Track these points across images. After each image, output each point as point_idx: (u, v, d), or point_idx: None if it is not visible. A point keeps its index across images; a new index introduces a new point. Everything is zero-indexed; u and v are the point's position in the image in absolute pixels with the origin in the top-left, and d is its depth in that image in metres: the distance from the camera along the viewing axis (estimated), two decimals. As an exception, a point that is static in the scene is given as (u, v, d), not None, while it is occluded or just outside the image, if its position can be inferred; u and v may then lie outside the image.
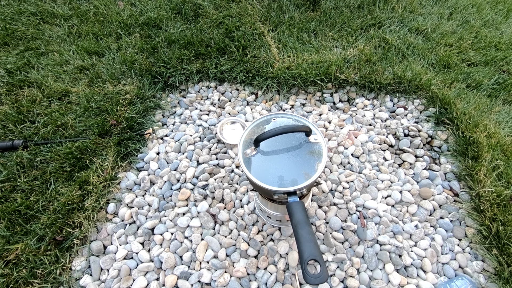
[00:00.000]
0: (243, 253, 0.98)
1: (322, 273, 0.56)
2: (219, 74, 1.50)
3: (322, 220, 1.04)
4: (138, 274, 0.95)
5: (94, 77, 1.49)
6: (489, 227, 0.99)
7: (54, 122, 1.29)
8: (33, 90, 1.44)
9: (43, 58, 1.61)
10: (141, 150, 1.26)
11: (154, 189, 1.14)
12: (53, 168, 1.14)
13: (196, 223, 1.04)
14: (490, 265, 0.95)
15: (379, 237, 1.00)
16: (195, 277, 0.93)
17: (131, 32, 1.75)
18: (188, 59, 1.55)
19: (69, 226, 1.01)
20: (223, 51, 1.60)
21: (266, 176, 0.73)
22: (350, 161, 1.20)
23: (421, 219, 1.05)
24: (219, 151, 1.24)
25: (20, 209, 1.03)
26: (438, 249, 0.98)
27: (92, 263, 0.97)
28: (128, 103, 1.37)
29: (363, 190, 1.12)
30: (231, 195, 1.10)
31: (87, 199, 1.08)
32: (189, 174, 1.15)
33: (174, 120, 1.39)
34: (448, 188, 1.14)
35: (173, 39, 1.64)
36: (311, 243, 0.61)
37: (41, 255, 0.95)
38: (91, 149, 1.20)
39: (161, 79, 1.49)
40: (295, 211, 0.67)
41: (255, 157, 0.76)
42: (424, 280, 0.93)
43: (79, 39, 1.73)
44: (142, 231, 1.03)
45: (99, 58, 1.61)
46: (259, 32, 1.69)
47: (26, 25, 1.81)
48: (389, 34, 1.71)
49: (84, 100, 1.37)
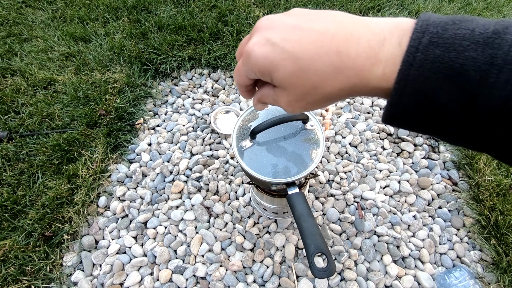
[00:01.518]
0: (239, 246, 0.96)
1: (329, 266, 0.54)
2: (212, 61, 1.44)
3: (319, 211, 1.02)
4: (131, 269, 0.93)
5: (81, 64, 1.42)
6: (488, 216, 0.98)
7: (40, 112, 1.24)
8: (16, 78, 1.37)
9: (27, 45, 1.53)
10: (132, 141, 1.21)
11: (146, 181, 1.10)
12: (40, 161, 1.09)
13: (190, 216, 1.01)
14: (488, 255, 0.95)
15: (377, 228, 0.98)
16: (190, 271, 0.91)
17: (119, 16, 1.67)
18: (179, 45, 1.48)
19: (58, 221, 0.98)
20: (216, 36, 1.53)
21: (263, 168, 0.69)
22: (348, 150, 1.17)
23: (419, 209, 1.04)
24: (213, 141, 1.20)
25: (7, 204, 1.00)
26: (436, 239, 0.97)
27: (83, 259, 0.94)
28: (117, 92, 1.31)
29: (361, 180, 1.10)
30: (226, 187, 1.07)
31: (76, 193, 1.04)
32: (182, 166, 1.11)
33: (166, 109, 1.34)
34: (447, 177, 1.12)
35: (164, 23, 1.56)
36: (316, 235, 0.58)
37: (30, 251, 0.92)
38: (80, 141, 1.15)
39: (152, 66, 1.43)
40: (296, 203, 0.65)
41: (251, 148, 0.72)
42: (422, 271, 0.92)
43: (64, 24, 1.64)
44: (135, 225, 1.00)
45: (85, 44, 1.53)
46: (253, 16, 1.62)
47: (7, 9, 1.72)
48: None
49: (71, 89, 1.31)
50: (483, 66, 0.19)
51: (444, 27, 0.21)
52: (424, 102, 0.22)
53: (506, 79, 0.19)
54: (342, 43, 0.23)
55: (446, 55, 0.20)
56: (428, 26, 0.21)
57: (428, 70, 0.21)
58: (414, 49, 0.21)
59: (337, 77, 0.24)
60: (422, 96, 0.22)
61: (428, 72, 0.21)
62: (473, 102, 0.20)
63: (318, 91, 0.25)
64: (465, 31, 0.20)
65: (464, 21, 0.21)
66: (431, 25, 0.21)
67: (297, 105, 0.28)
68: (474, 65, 0.20)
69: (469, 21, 0.21)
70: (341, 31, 0.24)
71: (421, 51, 0.21)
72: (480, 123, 0.21)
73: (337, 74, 0.24)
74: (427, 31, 0.21)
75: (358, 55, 0.23)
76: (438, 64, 0.20)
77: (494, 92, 0.19)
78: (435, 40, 0.21)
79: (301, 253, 0.94)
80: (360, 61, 0.23)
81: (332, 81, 0.24)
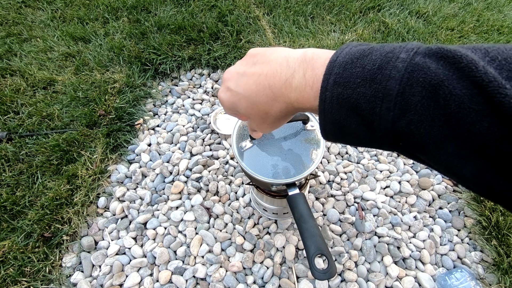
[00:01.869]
0: (239, 247, 0.95)
1: (330, 268, 0.54)
2: (212, 61, 1.44)
3: (319, 212, 1.02)
4: (131, 270, 0.92)
5: (81, 64, 1.42)
6: (488, 217, 0.98)
7: (39, 112, 1.23)
8: (16, 79, 1.37)
9: (26, 45, 1.52)
10: (132, 142, 1.21)
11: (146, 182, 1.10)
12: (39, 161, 1.09)
13: (190, 217, 1.01)
14: (489, 255, 0.94)
15: (378, 229, 0.98)
16: (189, 272, 0.91)
17: (118, 16, 1.66)
18: (179, 45, 1.48)
19: (57, 222, 0.98)
20: (216, 36, 1.53)
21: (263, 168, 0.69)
22: (348, 151, 1.16)
23: (420, 210, 1.03)
24: (213, 141, 1.20)
25: (6, 205, 0.99)
26: (437, 240, 0.97)
27: (83, 260, 0.94)
28: (117, 92, 1.30)
29: (362, 181, 1.10)
30: (226, 187, 1.07)
31: (76, 194, 1.04)
32: (182, 166, 1.11)
33: (165, 109, 1.33)
34: (448, 178, 1.11)
35: (163, 23, 1.56)
36: (317, 237, 0.58)
37: (29, 252, 0.91)
38: (79, 141, 1.15)
39: (151, 67, 1.42)
40: (296, 204, 0.64)
41: (251, 148, 0.71)
42: (422, 271, 0.92)
43: (64, 24, 1.64)
44: (134, 225, 1.00)
45: (85, 44, 1.53)
46: (253, 16, 1.62)
47: (7, 9, 1.71)
48: (389, 18, 1.65)
49: (70, 89, 1.30)
50: (371, 98, 0.24)
51: (344, 67, 0.26)
52: (341, 127, 0.27)
53: (387, 107, 0.23)
54: (272, 79, 0.31)
55: (345, 92, 0.25)
56: (333, 67, 0.26)
57: (336, 104, 0.26)
58: (324, 89, 0.26)
59: (274, 104, 0.32)
60: (338, 124, 0.27)
61: (336, 106, 0.26)
62: (372, 125, 0.25)
63: (268, 115, 0.34)
64: (358, 69, 0.25)
65: (362, 57, 0.25)
66: (336, 66, 0.26)
67: (263, 126, 0.37)
68: (364, 98, 0.24)
69: (365, 57, 0.25)
70: (271, 70, 0.31)
71: (329, 90, 0.26)
72: (385, 140, 0.25)
73: (274, 102, 0.32)
74: (332, 72, 0.26)
75: (281, 87, 0.30)
76: (341, 99, 0.26)
77: (382, 118, 0.24)
78: (338, 80, 0.26)
79: (301, 254, 0.94)
80: (283, 90, 0.30)
81: (273, 107, 0.32)
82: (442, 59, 0.21)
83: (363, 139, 0.27)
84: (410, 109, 0.22)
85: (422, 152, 0.24)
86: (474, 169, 0.21)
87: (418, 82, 0.22)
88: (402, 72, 0.22)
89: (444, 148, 0.22)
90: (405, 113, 0.23)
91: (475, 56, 0.20)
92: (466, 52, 0.21)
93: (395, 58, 0.23)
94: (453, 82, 0.20)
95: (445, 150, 0.22)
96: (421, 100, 0.22)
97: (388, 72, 0.23)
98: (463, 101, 0.20)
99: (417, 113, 0.22)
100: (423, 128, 0.22)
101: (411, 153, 0.25)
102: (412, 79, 0.22)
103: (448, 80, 0.21)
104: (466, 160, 0.21)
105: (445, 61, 0.21)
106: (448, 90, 0.20)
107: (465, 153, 0.21)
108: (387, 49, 0.24)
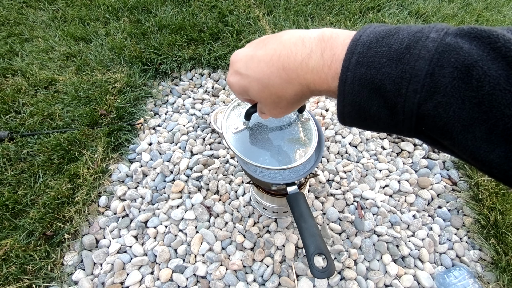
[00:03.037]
0: (239, 245, 0.96)
1: (329, 267, 0.55)
2: (213, 61, 1.44)
3: (319, 211, 1.02)
4: (132, 268, 0.93)
5: (82, 64, 1.43)
6: (487, 216, 0.98)
7: (40, 112, 1.24)
8: (17, 78, 1.38)
9: (27, 45, 1.53)
10: (133, 141, 1.22)
11: (146, 181, 1.11)
12: (41, 160, 1.10)
13: (191, 216, 1.01)
14: (487, 254, 0.95)
15: (377, 227, 0.98)
16: (190, 270, 0.91)
17: (119, 16, 1.67)
18: (180, 45, 1.49)
19: (59, 221, 0.98)
20: (217, 36, 1.54)
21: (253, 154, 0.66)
22: (347, 150, 1.17)
23: (419, 209, 1.04)
24: (213, 141, 1.20)
25: (8, 204, 1.00)
26: (435, 239, 0.97)
27: (84, 258, 0.95)
28: (117, 92, 1.31)
29: (361, 180, 1.10)
30: (226, 186, 1.08)
31: (77, 193, 1.04)
32: (183, 166, 1.12)
33: (166, 109, 1.34)
34: (447, 177, 1.12)
35: (164, 23, 1.57)
36: (316, 236, 0.59)
37: (31, 250, 0.92)
38: (80, 141, 1.16)
39: (152, 67, 1.43)
40: (296, 203, 0.65)
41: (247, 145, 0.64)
42: (421, 270, 0.93)
43: (65, 24, 1.65)
44: (135, 224, 1.01)
45: (86, 45, 1.53)
46: (253, 16, 1.62)
47: (8, 9, 1.72)
48: (389, 18, 1.65)
49: (71, 89, 1.31)
50: (397, 79, 0.23)
51: (369, 46, 0.24)
52: (360, 110, 0.26)
53: (414, 89, 0.22)
54: (286, 60, 0.29)
55: (368, 72, 0.24)
56: (356, 46, 0.25)
57: (358, 85, 0.25)
58: (345, 69, 0.25)
59: (288, 86, 0.30)
60: (358, 106, 0.26)
61: (357, 87, 0.25)
62: (395, 108, 0.24)
63: (282, 98, 0.32)
64: (384, 48, 0.24)
65: (388, 36, 0.24)
66: (359, 44, 0.25)
67: (275, 111, 0.35)
68: (389, 79, 0.23)
69: (392, 36, 0.24)
70: (284, 50, 0.30)
71: (351, 70, 0.25)
72: (407, 124, 0.24)
73: (288, 84, 0.30)
74: (355, 51, 0.25)
75: (296, 68, 0.29)
76: (363, 80, 0.24)
77: (407, 101, 0.23)
78: (361, 60, 0.24)
79: (301, 252, 0.95)
80: (298, 72, 0.29)
81: (287, 90, 0.31)
82: (475, 39, 0.20)
83: (383, 123, 0.26)
84: (438, 91, 0.21)
85: (447, 137, 0.23)
86: (503, 154, 0.20)
87: (450, 62, 0.21)
88: (433, 52, 0.21)
89: (472, 132, 0.21)
90: (433, 95, 0.22)
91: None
92: (502, 32, 0.20)
93: (425, 37, 0.22)
94: (488, 62, 0.19)
95: (473, 134, 0.21)
96: (452, 81, 0.21)
97: (417, 52, 0.22)
98: (499, 83, 0.19)
99: (446, 95, 0.21)
100: (452, 111, 0.21)
101: (433, 138, 0.24)
102: (443, 60, 0.21)
103: (482, 61, 0.20)
104: (494, 145, 0.20)
105: (479, 41, 0.20)
106: (483, 71, 0.19)
107: (494, 138, 0.20)
108: (415, 29, 0.23)
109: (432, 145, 0.26)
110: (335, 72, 0.26)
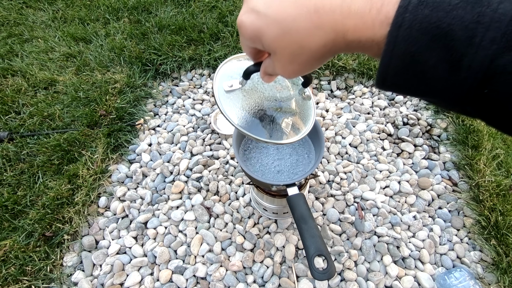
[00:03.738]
0: (239, 246, 0.96)
1: (329, 268, 0.55)
2: (213, 61, 1.44)
3: (319, 212, 1.02)
4: (131, 269, 0.93)
5: (82, 65, 1.43)
6: (488, 217, 0.98)
7: (40, 112, 1.24)
8: (17, 79, 1.37)
9: (27, 45, 1.53)
10: (132, 142, 1.21)
11: (146, 181, 1.10)
12: (40, 161, 1.10)
13: (191, 217, 1.01)
14: (488, 255, 0.94)
15: (377, 228, 0.98)
16: (190, 271, 0.91)
17: (119, 17, 1.67)
18: (180, 46, 1.48)
19: (58, 221, 0.98)
20: (217, 36, 1.54)
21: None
22: (348, 151, 1.17)
23: (419, 210, 1.04)
24: (213, 141, 1.20)
25: (7, 204, 1.00)
26: (436, 240, 0.97)
27: (84, 259, 0.94)
28: (117, 92, 1.31)
29: (361, 180, 1.10)
30: (226, 187, 1.08)
31: (77, 193, 1.04)
32: (183, 166, 1.11)
33: (166, 109, 1.34)
34: (447, 178, 1.12)
35: (164, 24, 1.57)
36: (316, 237, 0.59)
37: (30, 251, 0.92)
38: (80, 141, 1.15)
39: (152, 67, 1.43)
40: (296, 204, 0.65)
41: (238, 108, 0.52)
42: (422, 271, 0.92)
43: (65, 24, 1.65)
44: (135, 225, 1.00)
45: (86, 45, 1.53)
46: (254, 16, 1.62)
47: (8, 10, 1.72)
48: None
49: (71, 90, 1.31)
50: (470, 25, 0.19)
51: None
52: (413, 63, 0.22)
53: (492, 38, 0.18)
54: (321, 0, 0.24)
55: (434, 14, 0.20)
56: None
57: (416, 31, 0.20)
58: (403, 10, 0.21)
59: (317, 33, 0.25)
60: (411, 58, 0.21)
61: (416, 33, 0.20)
62: (460, 62, 0.20)
63: (304, 50, 0.26)
64: None
65: None
66: None
67: (291, 68, 0.29)
68: (461, 24, 0.19)
69: None
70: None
71: (410, 11, 0.20)
72: (468, 84, 0.20)
73: (317, 30, 0.25)
74: None
75: (333, 10, 0.24)
76: (426, 24, 0.20)
77: (480, 52, 0.19)
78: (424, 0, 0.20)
79: (301, 254, 0.94)
80: (335, 15, 0.24)
81: (314, 37, 0.25)
82: None
83: (435, 82, 0.22)
84: None
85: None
86: None
87: None
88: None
89: None
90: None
91: None
92: None
93: None
94: None
95: None
96: None
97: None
98: None
99: None
100: None
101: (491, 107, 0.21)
102: None
103: None
104: None
105: None
106: None
107: None
108: None
109: (483, 118, 0.22)
110: (385, 16, 0.22)
